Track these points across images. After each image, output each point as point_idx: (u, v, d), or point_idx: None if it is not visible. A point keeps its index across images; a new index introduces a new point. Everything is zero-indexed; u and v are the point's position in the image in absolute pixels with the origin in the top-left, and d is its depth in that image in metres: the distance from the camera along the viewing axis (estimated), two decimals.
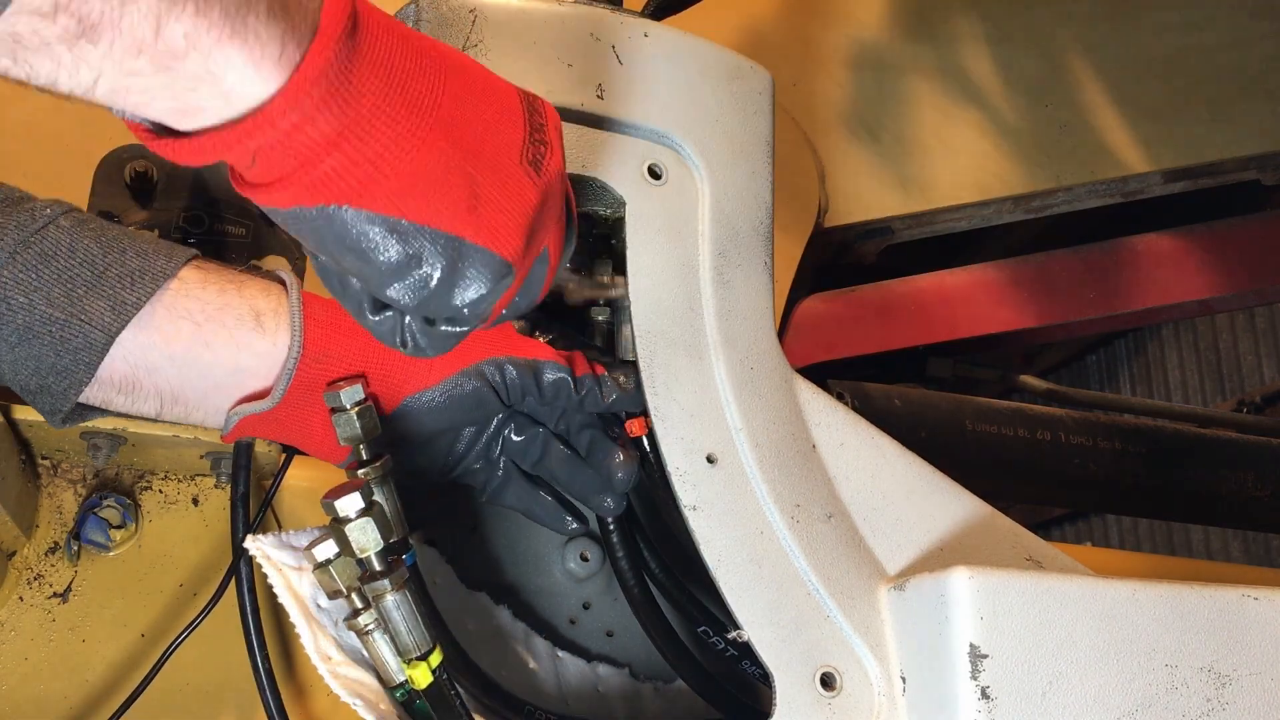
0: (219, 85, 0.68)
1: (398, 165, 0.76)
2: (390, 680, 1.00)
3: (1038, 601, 1.02)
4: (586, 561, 1.35)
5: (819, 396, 1.19)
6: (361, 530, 0.97)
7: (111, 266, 0.96)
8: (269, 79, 0.69)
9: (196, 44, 0.65)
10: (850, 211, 1.92)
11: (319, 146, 0.73)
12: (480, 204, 0.82)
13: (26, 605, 1.25)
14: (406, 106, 0.77)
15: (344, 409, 1.03)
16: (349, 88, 0.73)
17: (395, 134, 0.76)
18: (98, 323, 0.95)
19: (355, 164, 0.75)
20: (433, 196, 0.79)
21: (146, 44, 0.63)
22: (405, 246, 0.79)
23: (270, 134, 0.71)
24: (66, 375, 0.96)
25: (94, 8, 0.61)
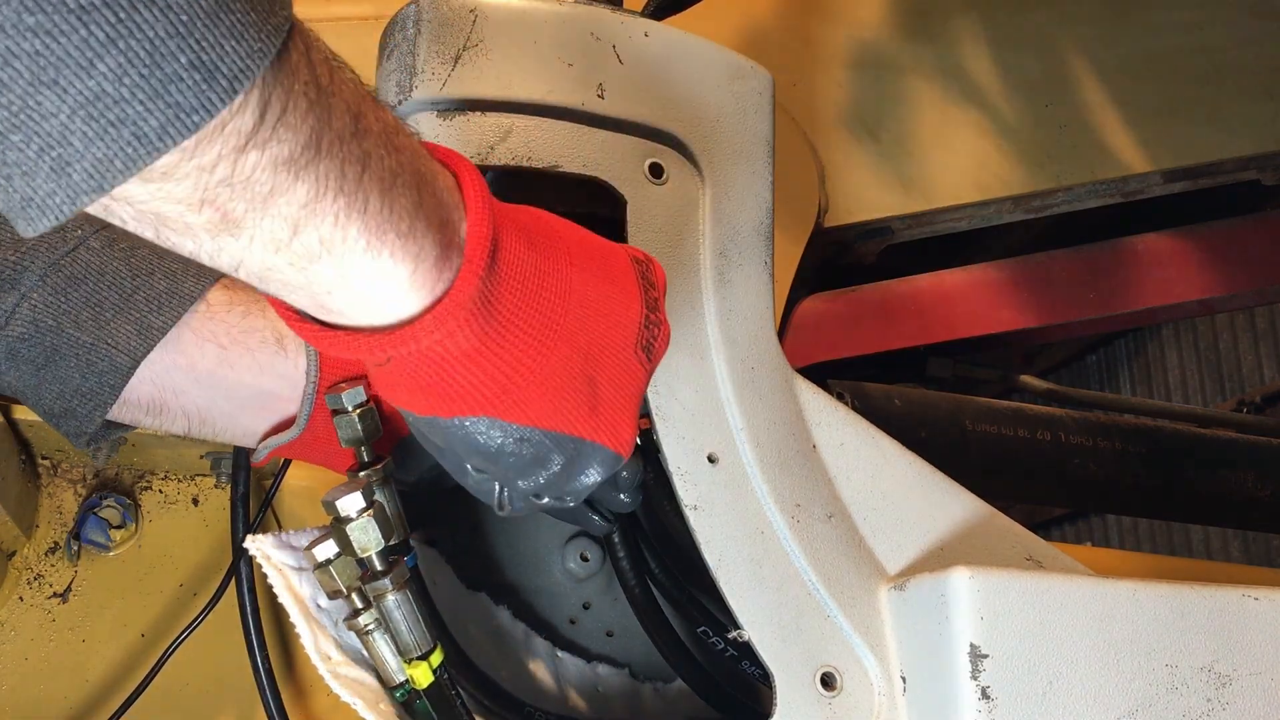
0: (352, 291, 0.70)
1: (530, 377, 0.80)
2: (390, 680, 1.00)
3: (1038, 601, 1.02)
4: (586, 561, 1.35)
5: (819, 396, 1.19)
6: (363, 530, 0.97)
7: (140, 290, 0.97)
8: (406, 294, 0.71)
9: (331, 250, 0.66)
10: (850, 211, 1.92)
11: (456, 361, 0.76)
12: (599, 405, 0.87)
13: (26, 605, 1.25)
14: (539, 317, 0.80)
15: (345, 411, 1.03)
16: (489, 306, 0.76)
17: (527, 347, 0.79)
18: (124, 347, 0.95)
19: (491, 379, 0.78)
20: (558, 404, 0.83)
21: (283, 244, 0.65)
22: (533, 450, 0.84)
23: (411, 347, 0.73)
24: (91, 398, 0.97)
25: (237, 206, 0.61)
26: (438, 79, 1.10)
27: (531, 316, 0.80)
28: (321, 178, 0.63)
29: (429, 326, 0.72)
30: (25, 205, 0.57)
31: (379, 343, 0.72)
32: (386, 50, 1.17)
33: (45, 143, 0.55)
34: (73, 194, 0.57)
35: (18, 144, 0.55)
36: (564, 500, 0.93)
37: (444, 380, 0.77)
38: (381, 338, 0.72)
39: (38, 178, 0.56)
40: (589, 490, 0.91)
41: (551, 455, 0.86)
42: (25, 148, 0.55)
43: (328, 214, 0.64)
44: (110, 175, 0.57)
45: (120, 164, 0.56)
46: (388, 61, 1.16)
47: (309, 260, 0.66)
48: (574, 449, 0.86)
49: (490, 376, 0.78)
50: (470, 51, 1.11)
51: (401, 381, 0.78)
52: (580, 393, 0.85)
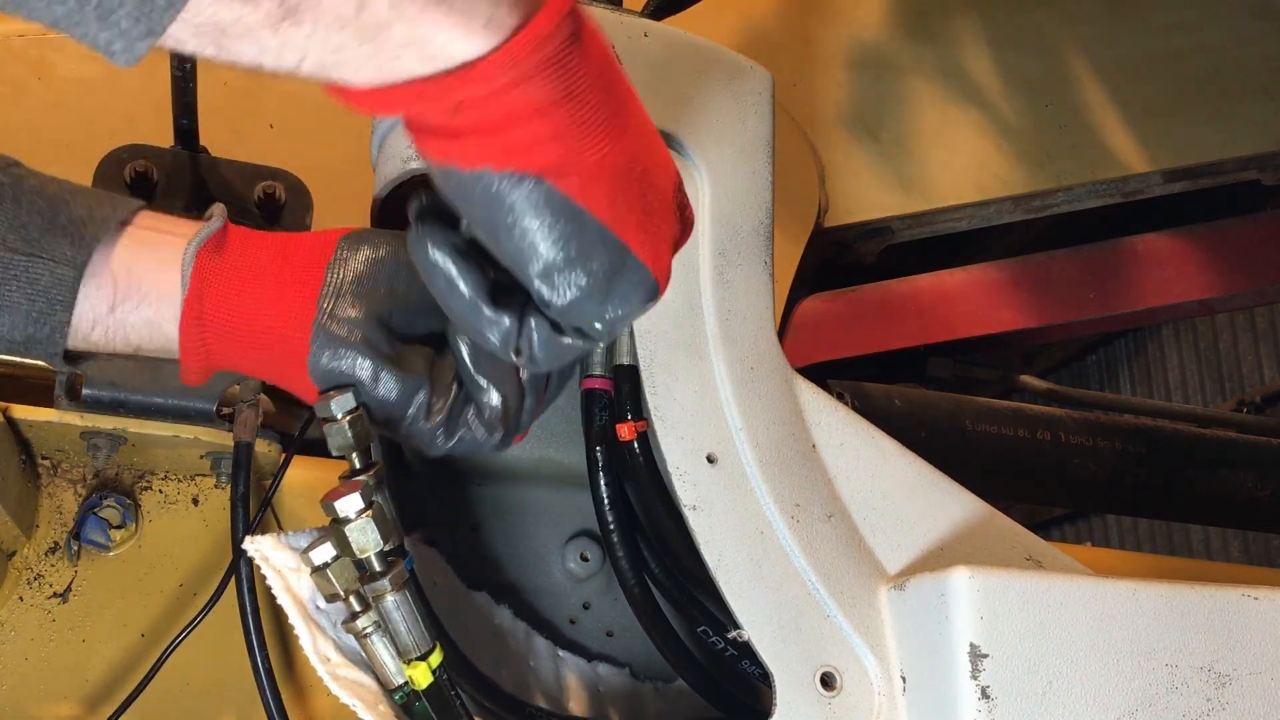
0: (425, 49, 0.68)
1: (598, 152, 0.76)
2: (389, 683, 1.00)
3: (1038, 601, 1.02)
4: (586, 561, 1.35)
5: (819, 396, 1.19)
6: (361, 531, 0.97)
7: (60, 213, 0.94)
8: (478, 41, 0.70)
9: (401, 13, 0.66)
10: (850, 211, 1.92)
11: (527, 110, 0.73)
12: (649, 221, 0.82)
13: (26, 605, 1.25)
14: (611, 102, 0.77)
15: (335, 419, 1.02)
16: (566, 64, 0.73)
17: (601, 122, 0.76)
18: (61, 258, 0.92)
19: (560, 137, 0.74)
20: (618, 197, 0.78)
21: (349, 19, 0.64)
22: (579, 240, 0.78)
23: (483, 88, 0.70)
24: (45, 319, 0.94)
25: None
26: None
27: (604, 95, 0.76)
28: None
29: (501, 63, 0.70)
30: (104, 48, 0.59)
31: (448, 85, 0.70)
32: None
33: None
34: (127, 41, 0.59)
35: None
36: (590, 337, 0.85)
37: (510, 127, 0.73)
38: (451, 80, 0.70)
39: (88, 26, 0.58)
40: (621, 326, 0.84)
41: (594, 253, 0.78)
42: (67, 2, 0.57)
43: None
44: (155, 15, 0.58)
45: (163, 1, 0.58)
46: None
47: (377, 28, 0.66)
48: (618, 259, 0.80)
49: (560, 134, 0.74)
50: None
51: (465, 128, 0.73)
52: (637, 198, 0.80)
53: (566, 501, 1.36)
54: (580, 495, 1.28)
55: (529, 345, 0.86)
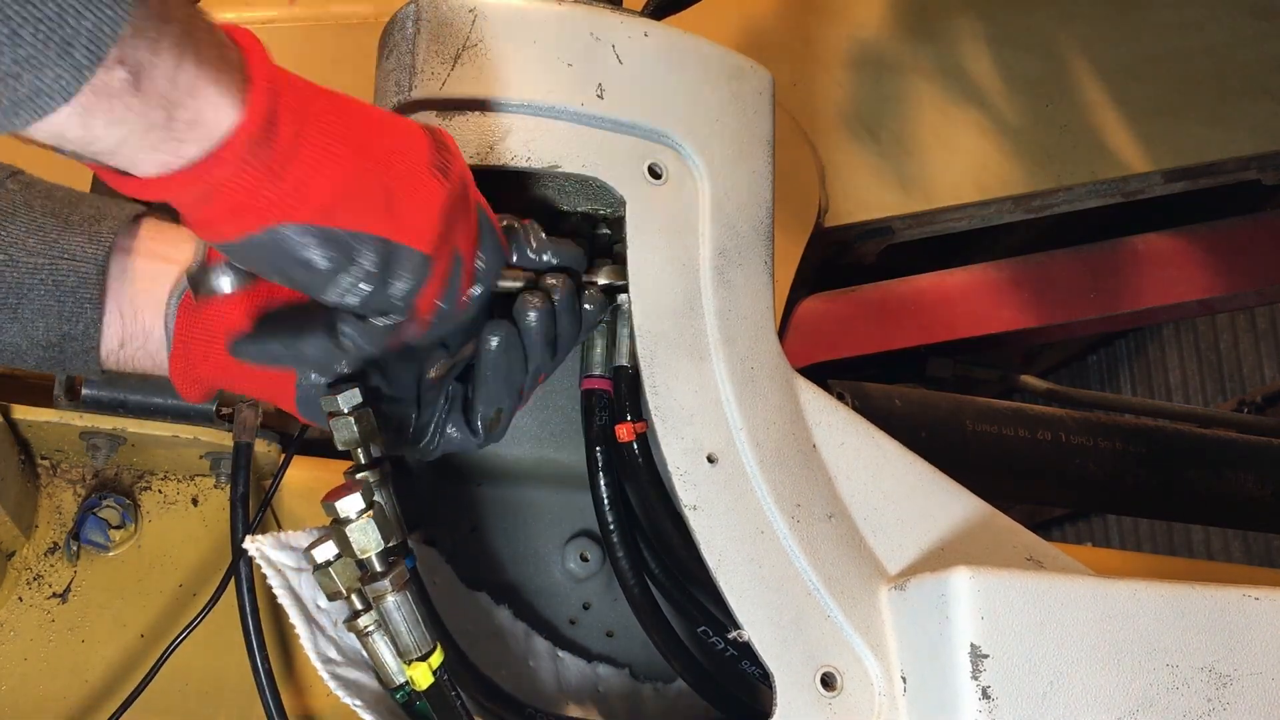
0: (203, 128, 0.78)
1: (321, 183, 0.87)
2: (390, 681, 1.00)
3: (1038, 601, 1.02)
4: (586, 562, 1.35)
5: (819, 396, 1.19)
6: (362, 531, 0.97)
7: (73, 214, 0.99)
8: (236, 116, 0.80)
9: (193, 90, 0.76)
10: (850, 211, 1.92)
11: (260, 176, 0.83)
12: (394, 205, 0.92)
13: (26, 605, 1.25)
14: (321, 135, 0.87)
15: (342, 413, 1.02)
16: (279, 115, 0.84)
17: (315, 159, 0.87)
18: (82, 256, 0.97)
19: (293, 186, 0.85)
20: (353, 205, 0.89)
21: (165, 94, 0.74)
22: (339, 251, 0.89)
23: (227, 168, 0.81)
24: (77, 317, 0.98)
25: (138, 57, 0.70)
26: (437, 78, 1.10)
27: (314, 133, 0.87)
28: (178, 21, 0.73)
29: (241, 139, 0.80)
30: (34, 96, 0.65)
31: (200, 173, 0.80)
32: (386, 50, 1.17)
33: (50, 27, 0.63)
34: (77, 71, 0.65)
35: (28, 38, 0.63)
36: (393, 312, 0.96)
37: (251, 196, 0.84)
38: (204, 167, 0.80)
39: (45, 67, 0.65)
40: (410, 297, 0.94)
41: (360, 253, 0.90)
42: (34, 39, 0.63)
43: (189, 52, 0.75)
44: (102, 42, 0.65)
45: (108, 28, 0.65)
46: (387, 61, 1.16)
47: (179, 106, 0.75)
48: (382, 249, 0.91)
49: (291, 183, 0.85)
50: (469, 51, 1.10)
51: (222, 210, 0.84)
52: (374, 196, 0.91)
53: (566, 501, 1.36)
54: (580, 495, 1.28)
55: (352, 342, 0.97)
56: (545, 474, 1.34)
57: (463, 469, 1.33)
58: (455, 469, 1.33)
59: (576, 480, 1.25)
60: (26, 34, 0.62)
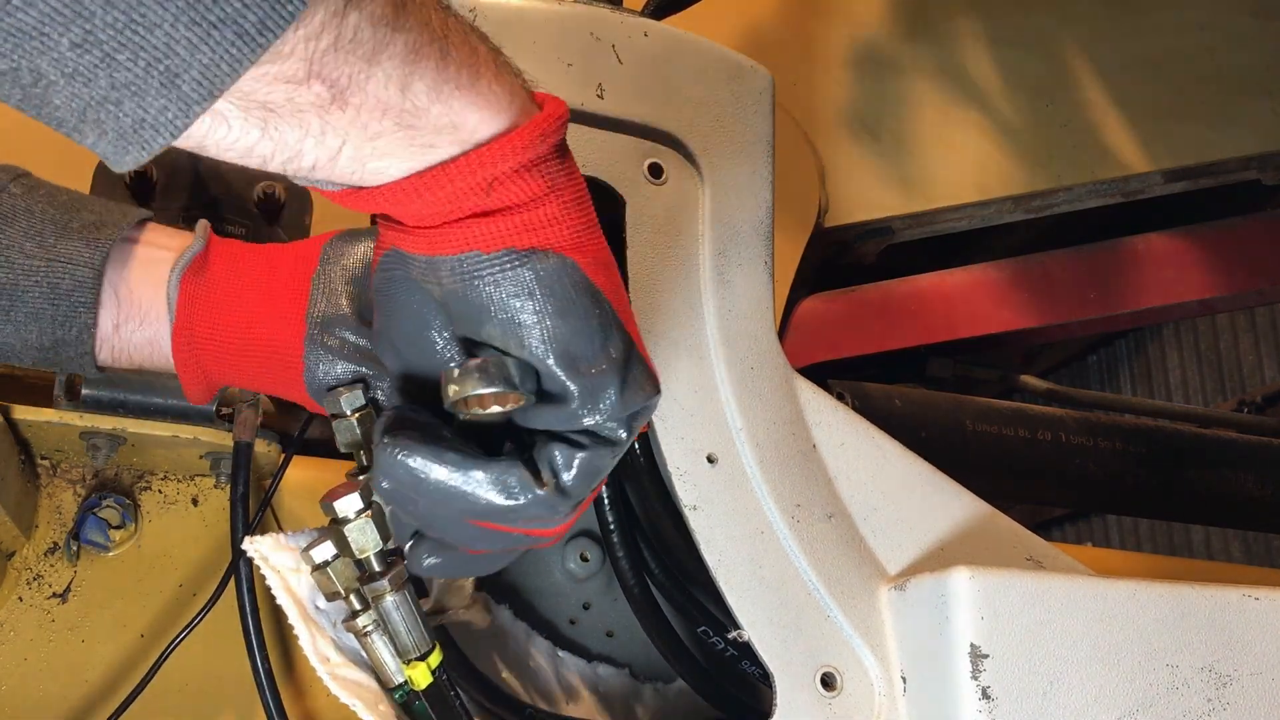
0: (459, 133, 0.71)
1: (596, 240, 0.77)
2: (389, 681, 1.00)
3: (1038, 601, 1.02)
4: (586, 562, 1.35)
5: (819, 396, 1.19)
6: (361, 531, 0.96)
7: (73, 221, 0.96)
8: (505, 123, 0.72)
9: (439, 97, 0.68)
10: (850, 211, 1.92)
11: (545, 188, 0.74)
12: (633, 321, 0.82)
13: (26, 605, 1.25)
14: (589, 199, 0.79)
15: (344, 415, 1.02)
16: (566, 151, 0.77)
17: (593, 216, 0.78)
18: (79, 260, 0.94)
19: (571, 218, 0.75)
20: (617, 287, 0.78)
21: (391, 104, 0.67)
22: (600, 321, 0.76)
23: (514, 160, 0.72)
24: (69, 321, 0.95)
25: (343, 72, 0.63)
26: None
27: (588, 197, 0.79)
28: (415, 27, 0.65)
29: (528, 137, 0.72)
30: (138, 128, 0.58)
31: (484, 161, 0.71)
32: None
33: (153, 56, 0.56)
34: (185, 105, 0.58)
35: (125, 63, 0.56)
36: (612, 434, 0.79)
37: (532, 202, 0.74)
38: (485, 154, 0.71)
39: (148, 95, 0.57)
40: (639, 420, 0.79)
41: (611, 338, 0.76)
42: (133, 65, 0.56)
43: (429, 59, 0.66)
44: (218, 79, 0.58)
45: (226, 66, 0.57)
46: None
47: (416, 114, 0.68)
48: (629, 348, 0.78)
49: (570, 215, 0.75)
50: None
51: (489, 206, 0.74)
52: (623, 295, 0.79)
53: None
54: None
55: (552, 472, 0.78)
56: None
57: None
58: None
59: None
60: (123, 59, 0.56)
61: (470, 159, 0.72)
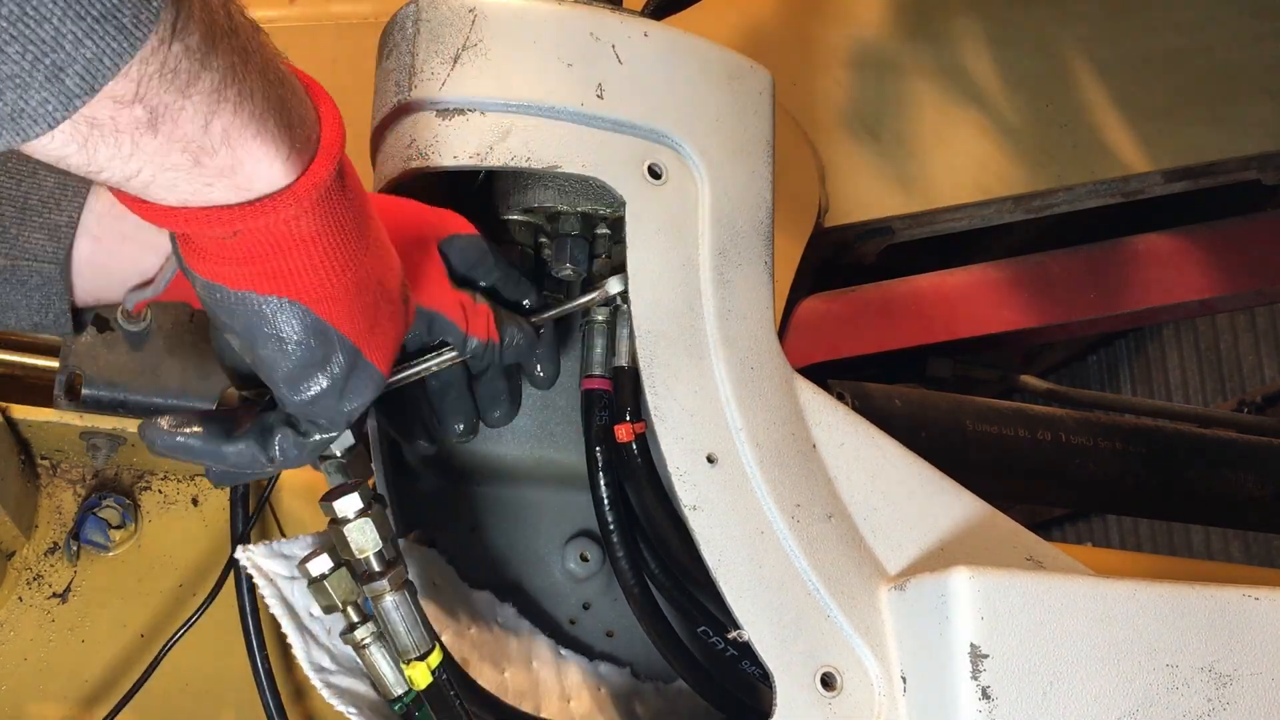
0: (236, 178, 0.76)
1: (342, 277, 0.87)
2: (389, 693, 0.99)
3: (1038, 601, 1.02)
4: (586, 562, 1.35)
5: (819, 396, 1.19)
6: (360, 531, 0.96)
7: (31, 193, 0.97)
8: (280, 175, 0.78)
9: (229, 140, 0.73)
10: (850, 211, 1.93)
11: (293, 242, 0.83)
12: (377, 330, 0.93)
13: (26, 605, 1.25)
14: (358, 230, 0.88)
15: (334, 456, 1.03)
16: (331, 202, 0.84)
17: (350, 251, 0.87)
18: (44, 255, 0.96)
19: (316, 268, 0.85)
20: (354, 312, 0.89)
21: (192, 139, 0.71)
22: (322, 346, 0.88)
23: (266, 220, 0.79)
24: (46, 309, 0.98)
25: (162, 100, 0.67)
26: (437, 79, 1.10)
27: (353, 226, 0.87)
28: (221, 66, 0.70)
29: (287, 201, 0.79)
30: (16, 117, 0.61)
31: (237, 216, 0.78)
32: (386, 50, 1.16)
33: (40, 50, 0.58)
34: (66, 99, 0.61)
35: (14, 56, 0.58)
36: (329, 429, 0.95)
37: (277, 256, 0.82)
38: (241, 211, 0.78)
39: (31, 89, 0.60)
40: (353, 416, 0.94)
41: (333, 359, 0.89)
42: (21, 58, 0.58)
43: (228, 101, 0.71)
44: (100, 74, 0.61)
45: (108, 61, 0.60)
46: (387, 61, 1.16)
47: (208, 152, 0.73)
48: (353, 361, 0.91)
49: (313, 265, 0.84)
50: (469, 51, 1.10)
51: (238, 254, 0.82)
52: (369, 311, 0.91)
53: (566, 501, 1.36)
54: (580, 495, 1.28)
55: (279, 452, 0.95)
56: (545, 474, 1.34)
57: (463, 469, 1.33)
58: (455, 469, 1.33)
59: (576, 480, 1.25)
60: (13, 52, 0.58)
61: (223, 212, 0.78)
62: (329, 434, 0.96)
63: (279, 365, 0.89)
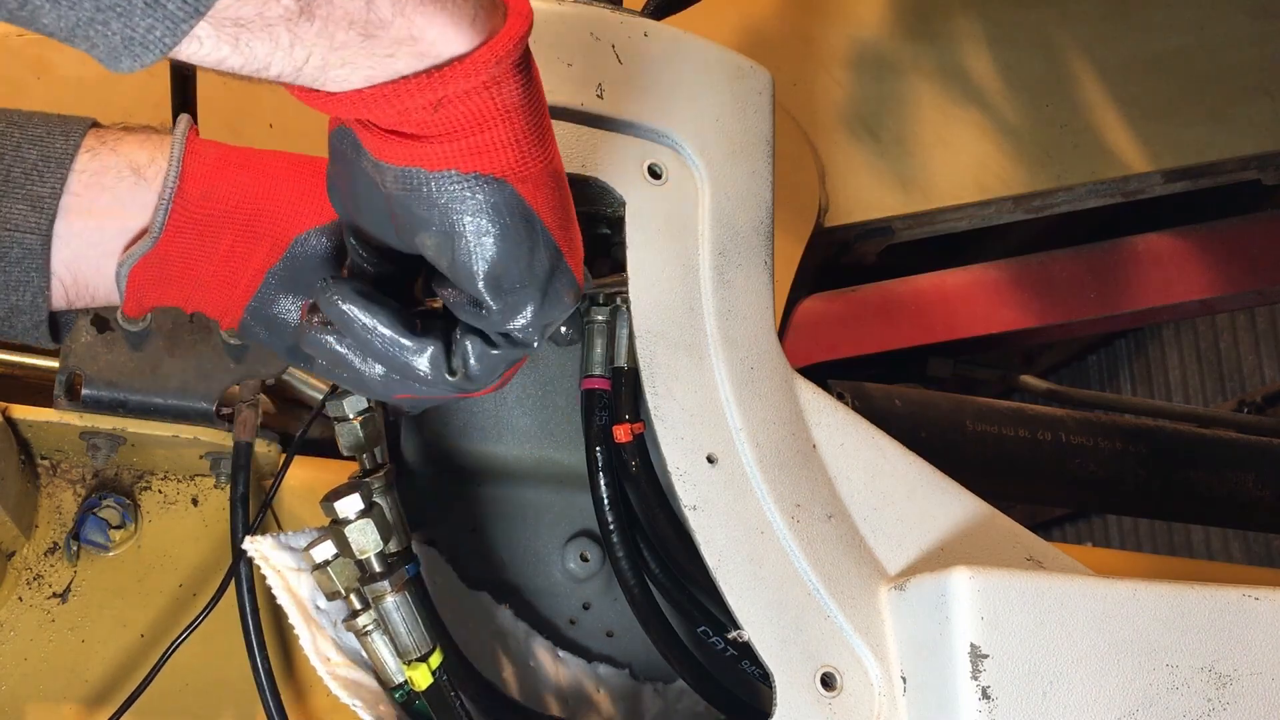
0: (418, 45, 0.72)
1: (543, 158, 0.80)
2: (390, 681, 1.00)
3: (1038, 601, 1.02)
4: (586, 562, 1.35)
5: (819, 396, 1.19)
6: (361, 531, 0.97)
7: (15, 165, 0.93)
8: (466, 40, 0.73)
9: (402, 9, 0.70)
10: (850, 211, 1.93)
11: (495, 113, 0.76)
12: (570, 226, 0.85)
13: (26, 605, 1.25)
14: (545, 112, 0.81)
15: (347, 418, 1.02)
16: (527, 70, 0.78)
17: (544, 129, 0.80)
18: (25, 226, 0.92)
19: (518, 142, 0.78)
20: (553, 201, 0.82)
21: (356, 16, 0.68)
22: (529, 242, 0.81)
23: (464, 84, 0.74)
24: (22, 289, 0.93)
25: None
26: None
27: (543, 104, 0.81)
28: None
29: (485, 59, 0.74)
30: (128, 44, 0.61)
31: (438, 81, 0.73)
32: None
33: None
34: (172, 24, 0.60)
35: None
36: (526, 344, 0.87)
37: (481, 129, 0.76)
38: (440, 76, 0.73)
39: (134, 16, 0.60)
40: (550, 330, 0.87)
41: (538, 254, 0.82)
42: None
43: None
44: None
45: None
46: None
47: (379, 25, 0.69)
48: (556, 262, 0.83)
49: (518, 136, 0.78)
50: None
51: (438, 129, 0.76)
52: (565, 204, 0.84)
53: (566, 501, 1.36)
54: (580, 495, 1.28)
55: (463, 364, 0.86)
56: (545, 474, 1.34)
57: (463, 469, 1.33)
58: (455, 469, 1.33)
59: (576, 480, 1.25)
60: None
61: (421, 80, 0.73)
62: (522, 349, 0.87)
63: (482, 257, 0.80)
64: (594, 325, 1.20)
